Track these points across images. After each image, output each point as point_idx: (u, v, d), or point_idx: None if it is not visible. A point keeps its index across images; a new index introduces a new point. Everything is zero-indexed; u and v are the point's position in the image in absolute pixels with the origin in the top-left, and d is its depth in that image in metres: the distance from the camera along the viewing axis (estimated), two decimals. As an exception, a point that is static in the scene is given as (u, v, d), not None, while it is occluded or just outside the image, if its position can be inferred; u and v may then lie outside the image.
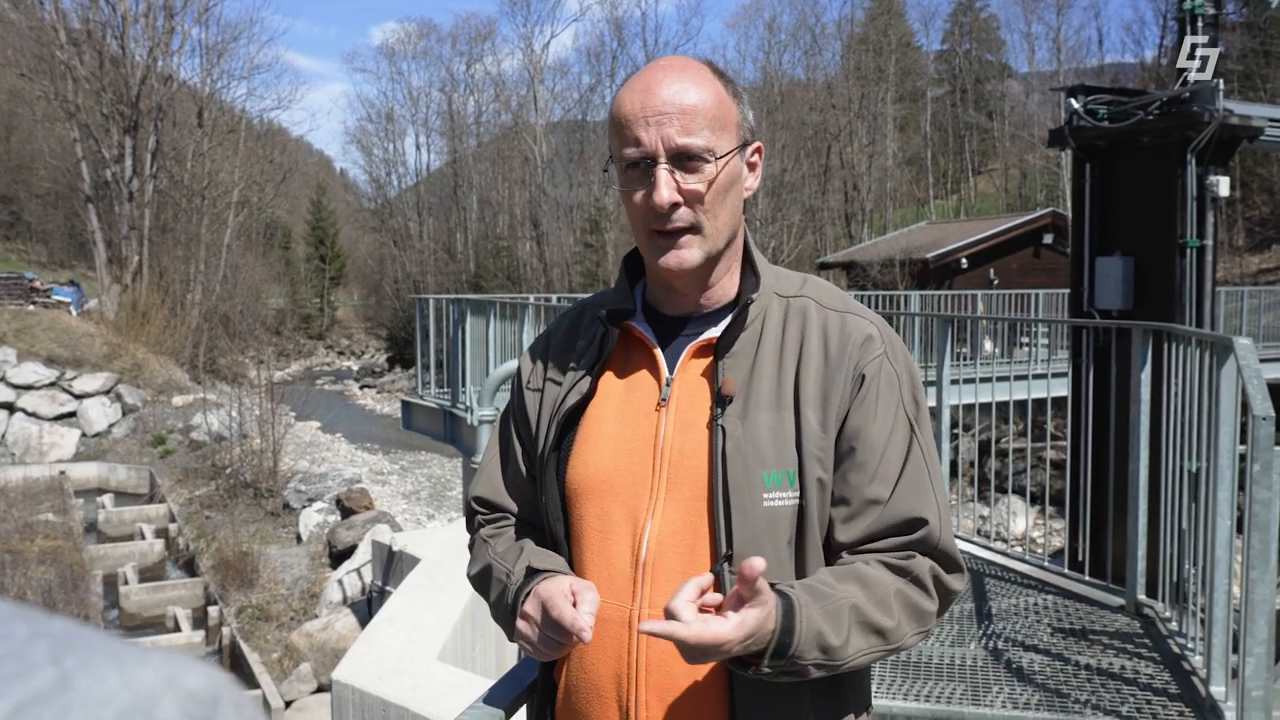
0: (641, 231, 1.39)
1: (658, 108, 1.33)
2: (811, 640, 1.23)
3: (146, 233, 30.50)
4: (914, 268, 29.34)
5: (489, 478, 1.59)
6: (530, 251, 48.08)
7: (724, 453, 1.34)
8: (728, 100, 1.38)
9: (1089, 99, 7.04)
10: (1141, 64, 45.82)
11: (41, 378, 20.76)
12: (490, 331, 10.86)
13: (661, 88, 1.34)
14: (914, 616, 1.34)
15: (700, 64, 1.40)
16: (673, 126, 1.32)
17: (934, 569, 1.36)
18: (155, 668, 0.32)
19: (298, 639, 10.71)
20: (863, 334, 1.40)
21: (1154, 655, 4.31)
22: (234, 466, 16.31)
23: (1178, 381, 4.41)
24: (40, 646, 0.31)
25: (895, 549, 1.35)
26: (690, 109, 1.33)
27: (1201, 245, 6.65)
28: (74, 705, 0.29)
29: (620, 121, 1.36)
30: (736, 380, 1.38)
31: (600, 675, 1.38)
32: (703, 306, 1.46)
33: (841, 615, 1.26)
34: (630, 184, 1.37)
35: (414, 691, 4.73)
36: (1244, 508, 3.39)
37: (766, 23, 53.57)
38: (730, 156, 1.37)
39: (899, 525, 1.35)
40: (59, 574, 12.14)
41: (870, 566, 1.33)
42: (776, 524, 1.33)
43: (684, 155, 1.33)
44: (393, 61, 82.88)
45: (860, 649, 1.29)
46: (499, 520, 1.58)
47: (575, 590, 1.31)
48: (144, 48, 31.50)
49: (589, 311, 1.55)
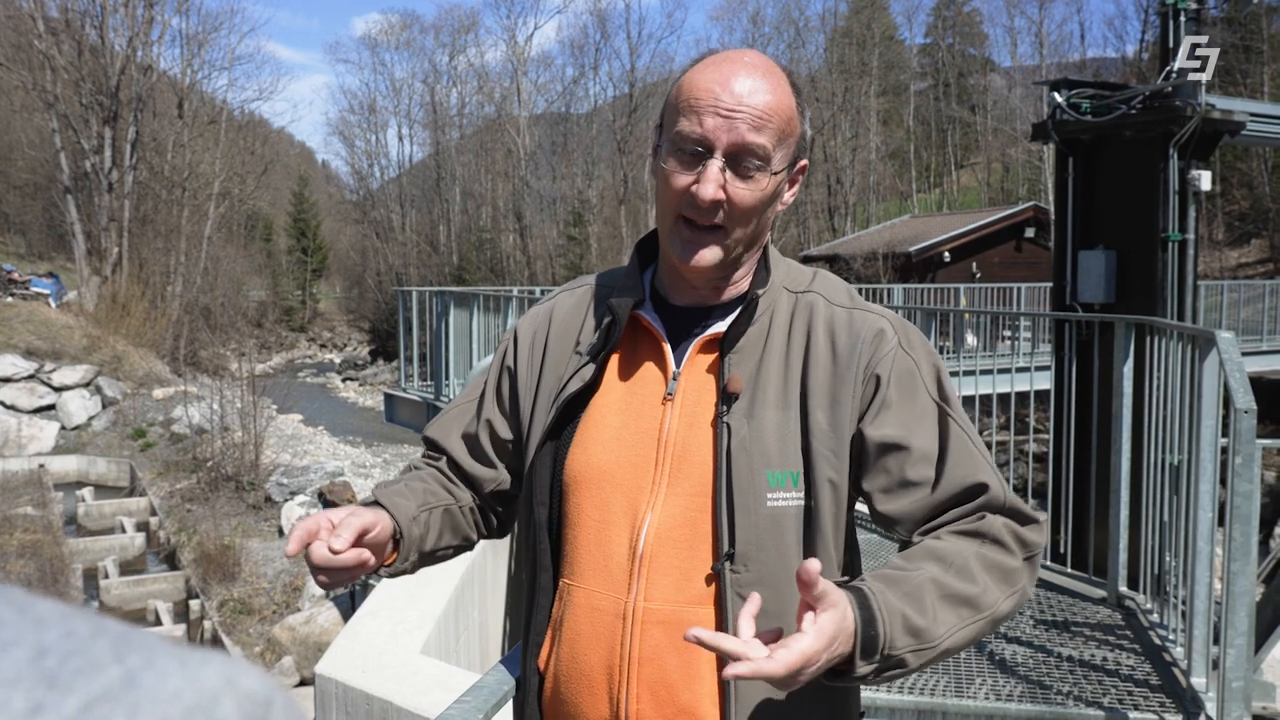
0: (669, 214, 1.36)
1: (731, 102, 1.29)
2: (898, 625, 1.15)
3: (126, 224, 30.23)
4: (897, 261, 29.44)
5: (447, 422, 1.60)
6: (513, 244, 47.95)
7: (729, 451, 1.32)
8: (796, 116, 1.36)
9: (1072, 93, 7.06)
10: (1123, 58, 46.12)
11: (20, 370, 20.56)
12: (474, 324, 10.83)
13: (741, 82, 1.30)
14: (1001, 578, 1.26)
15: (781, 70, 1.37)
16: (742, 125, 1.29)
17: (1009, 524, 1.30)
18: (216, 668, 0.33)
19: (280, 632, 10.67)
20: (873, 330, 1.37)
21: (1135, 647, 4.33)
22: (215, 459, 16.21)
23: (1160, 375, 4.43)
24: (103, 644, 0.31)
25: (963, 516, 1.31)
26: (763, 114, 1.30)
27: (1183, 239, 6.68)
28: (143, 702, 0.30)
29: (689, 100, 1.31)
30: (743, 377, 1.36)
31: (591, 666, 1.36)
32: (710, 300, 1.44)
33: (922, 593, 1.19)
34: (676, 163, 1.32)
35: (398, 685, 4.72)
36: (1225, 500, 3.41)
37: (750, 16, 53.77)
38: (782, 171, 1.35)
39: (959, 494, 1.31)
40: (39, 568, 12.05)
41: (942, 540, 1.28)
42: (781, 524, 1.31)
43: (740, 157, 1.30)
44: (375, 53, 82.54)
45: (952, 624, 1.21)
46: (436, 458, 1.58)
47: (349, 514, 1.31)
48: (123, 37, 31.17)
49: (599, 292, 1.52)
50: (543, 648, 1.44)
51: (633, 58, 51.09)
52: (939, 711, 3.84)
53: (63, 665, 0.30)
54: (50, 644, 0.30)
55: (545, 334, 1.52)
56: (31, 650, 0.30)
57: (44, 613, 0.32)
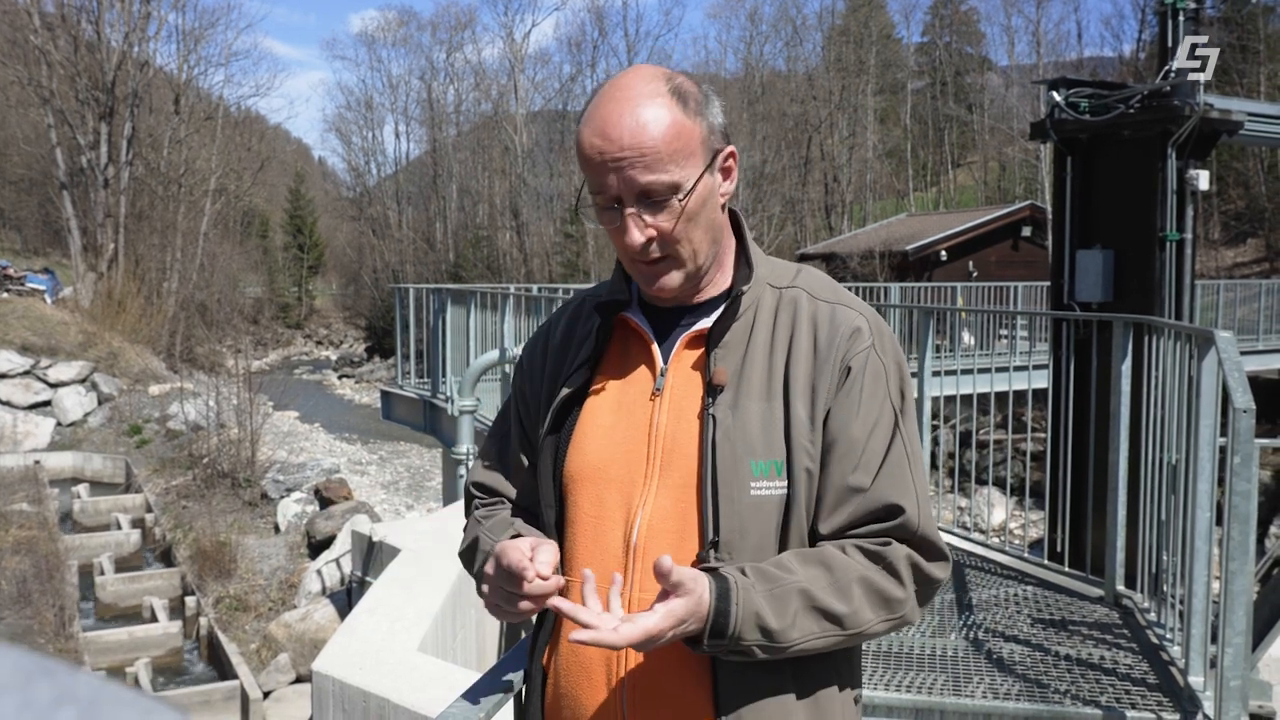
0: (623, 257, 1.42)
1: (616, 151, 1.30)
2: (749, 621, 1.26)
3: (122, 220, 30.18)
4: (893, 260, 29.44)
5: (489, 464, 1.62)
6: (510, 241, 47.90)
7: (714, 441, 1.36)
8: (688, 124, 1.34)
9: (1070, 92, 7.06)
10: (1120, 57, 46.12)
11: (15, 366, 20.52)
12: (470, 321, 10.83)
13: (617, 128, 1.31)
14: (879, 604, 1.33)
15: (656, 84, 1.35)
16: (634, 169, 1.31)
17: (912, 556, 1.36)
18: None
19: (276, 629, 10.65)
20: (851, 326, 1.41)
21: (1133, 645, 4.34)
22: (211, 456, 16.18)
23: (1157, 374, 4.43)
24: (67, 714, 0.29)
25: (873, 535, 1.36)
26: (649, 149, 1.30)
27: (1181, 239, 6.68)
28: None
29: (585, 159, 1.35)
30: (728, 370, 1.40)
31: (590, 657, 1.41)
32: (695, 298, 1.48)
33: (788, 599, 1.28)
34: (604, 218, 1.38)
35: (395, 682, 4.71)
36: (1223, 499, 3.42)
37: (748, 14, 53.91)
38: (698, 184, 1.35)
39: (877, 512, 1.36)
40: (34, 564, 12.02)
41: (843, 552, 1.34)
42: (764, 513, 1.35)
43: (648, 194, 1.32)
44: (372, 49, 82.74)
45: (811, 632, 1.30)
46: (495, 503, 1.60)
47: (534, 546, 1.32)
48: (120, 33, 31.13)
49: (588, 302, 1.57)
50: (549, 645, 1.50)
51: (630, 55, 51.06)
52: (937, 710, 3.84)
53: None
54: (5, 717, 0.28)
55: (544, 351, 1.58)
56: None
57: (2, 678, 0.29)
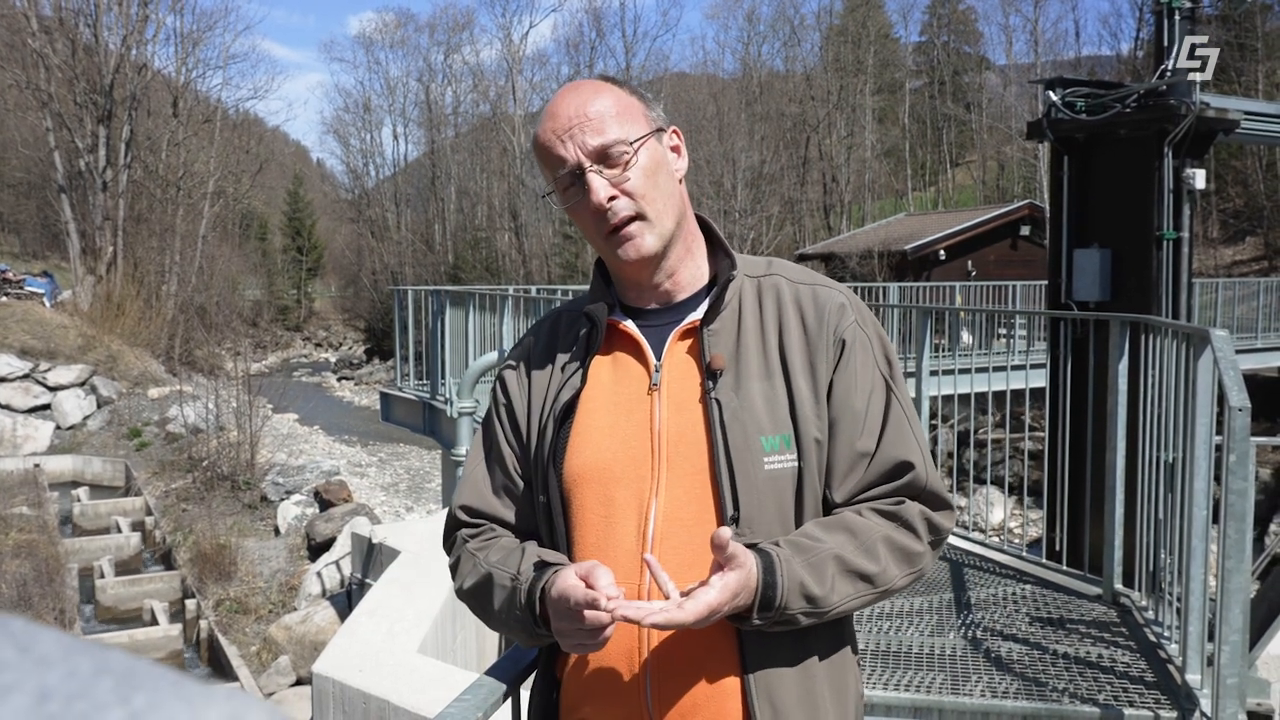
0: (597, 239, 1.47)
1: (569, 122, 1.44)
2: (795, 591, 1.32)
3: (121, 223, 30.15)
4: (892, 259, 29.45)
5: (475, 486, 1.59)
6: (509, 243, 47.90)
7: (722, 423, 1.40)
8: (627, 98, 1.49)
9: (1067, 91, 7.06)
10: (1118, 56, 46.16)
11: (15, 370, 20.52)
12: (469, 323, 10.83)
13: (565, 106, 1.46)
14: (902, 559, 1.42)
15: (598, 80, 1.51)
16: (585, 133, 1.43)
17: (924, 511, 1.44)
18: (221, 707, 0.32)
19: (276, 632, 10.66)
20: (835, 303, 1.49)
21: (1130, 644, 4.35)
22: (211, 459, 16.19)
23: (1154, 373, 4.44)
24: (107, 684, 0.30)
25: (885, 495, 1.44)
26: (595, 114, 1.44)
27: (1178, 237, 6.69)
28: None
29: (542, 149, 1.47)
30: (724, 354, 1.44)
31: (609, 649, 1.38)
32: (673, 295, 1.52)
33: (825, 565, 1.35)
34: (571, 202, 1.46)
35: (395, 684, 4.72)
36: (1219, 498, 3.42)
37: (746, 14, 53.93)
38: (644, 140, 1.46)
39: (887, 472, 1.44)
40: (34, 568, 12.02)
41: (861, 515, 1.42)
42: (779, 487, 1.40)
43: (603, 154, 1.43)
44: (370, 51, 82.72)
45: (847, 595, 1.38)
46: (485, 533, 1.57)
47: (583, 574, 1.32)
48: (118, 36, 31.10)
49: (566, 316, 1.61)
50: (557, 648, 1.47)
51: (628, 56, 51.12)
52: (935, 709, 3.85)
53: (66, 710, 0.29)
54: (53, 687, 0.29)
55: (527, 366, 1.59)
56: (34, 695, 0.29)
57: (46, 651, 0.31)
